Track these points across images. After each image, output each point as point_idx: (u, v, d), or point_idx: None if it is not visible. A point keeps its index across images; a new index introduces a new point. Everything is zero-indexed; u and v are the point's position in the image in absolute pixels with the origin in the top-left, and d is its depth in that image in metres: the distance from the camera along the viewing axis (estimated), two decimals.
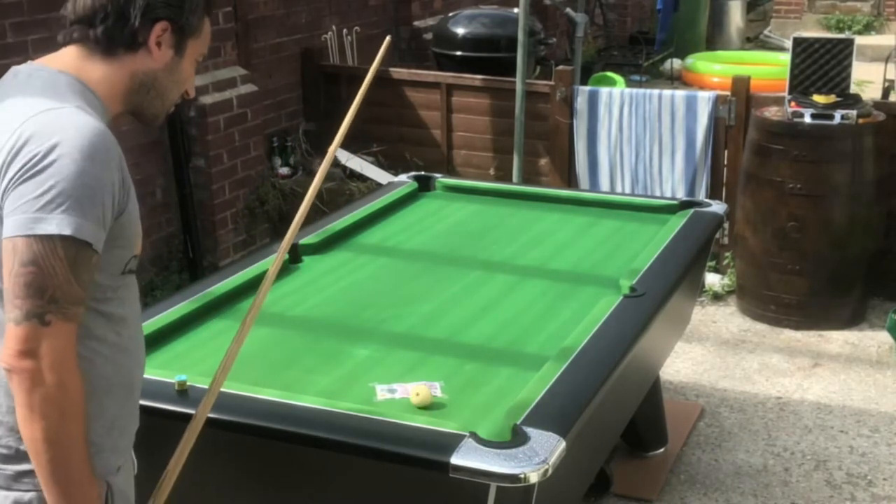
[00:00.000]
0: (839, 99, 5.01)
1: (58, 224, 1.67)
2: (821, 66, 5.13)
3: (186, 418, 1.99)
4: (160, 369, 2.55)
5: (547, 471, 2.13)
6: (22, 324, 1.66)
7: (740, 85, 5.44)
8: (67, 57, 1.94)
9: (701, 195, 5.41)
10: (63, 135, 1.73)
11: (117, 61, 1.89)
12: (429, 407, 2.46)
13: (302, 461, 2.34)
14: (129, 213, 1.82)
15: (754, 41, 11.85)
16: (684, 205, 3.96)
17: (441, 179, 4.33)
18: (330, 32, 6.87)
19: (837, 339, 4.98)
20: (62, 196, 1.68)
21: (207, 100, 5.48)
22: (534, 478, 2.12)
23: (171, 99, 1.99)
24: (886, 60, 7.25)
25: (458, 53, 6.87)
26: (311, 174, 6.18)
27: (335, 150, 2.42)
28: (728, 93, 5.46)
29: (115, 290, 1.83)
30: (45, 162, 1.70)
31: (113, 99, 1.91)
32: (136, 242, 1.86)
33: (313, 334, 2.92)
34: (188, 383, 2.45)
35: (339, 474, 2.35)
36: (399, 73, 6.43)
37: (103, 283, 1.80)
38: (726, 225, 4.96)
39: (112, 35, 1.88)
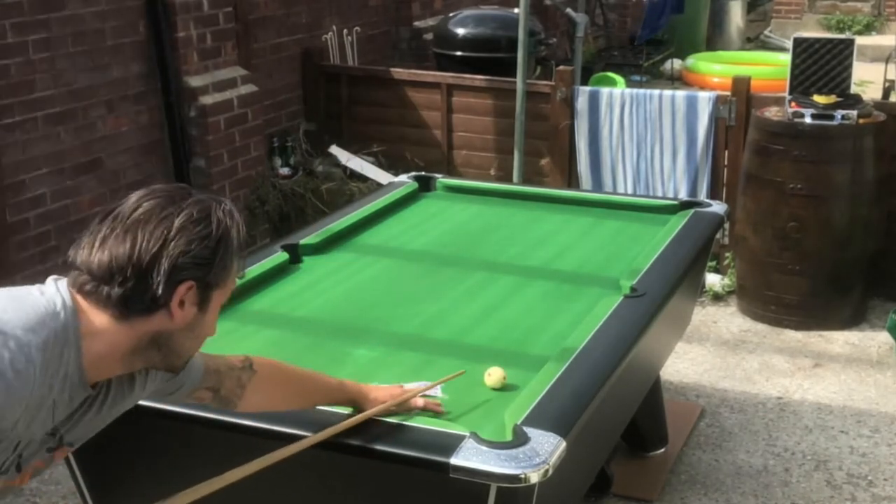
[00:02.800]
0: (839, 99, 5.01)
1: None
2: (821, 66, 5.13)
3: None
4: None
5: (547, 471, 2.13)
6: None
7: (741, 85, 5.44)
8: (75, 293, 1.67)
9: (702, 195, 5.41)
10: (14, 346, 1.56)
11: (127, 323, 1.66)
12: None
13: (302, 462, 2.33)
14: None
15: (754, 41, 11.85)
16: (685, 205, 3.96)
17: (441, 180, 4.33)
18: (330, 32, 6.87)
19: (838, 340, 4.98)
20: None
21: (207, 100, 5.48)
22: (534, 478, 2.12)
23: (189, 353, 1.78)
24: (887, 61, 7.24)
25: (459, 53, 6.87)
26: (312, 174, 6.18)
27: None
28: (728, 93, 5.46)
29: None
30: None
31: (110, 360, 1.68)
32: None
33: (316, 336, 2.92)
34: None
35: (339, 475, 2.35)
36: (399, 73, 6.43)
37: None
38: (727, 225, 4.98)
39: (128, 300, 1.64)
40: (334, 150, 6.34)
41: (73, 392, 1.67)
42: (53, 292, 1.67)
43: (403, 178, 4.38)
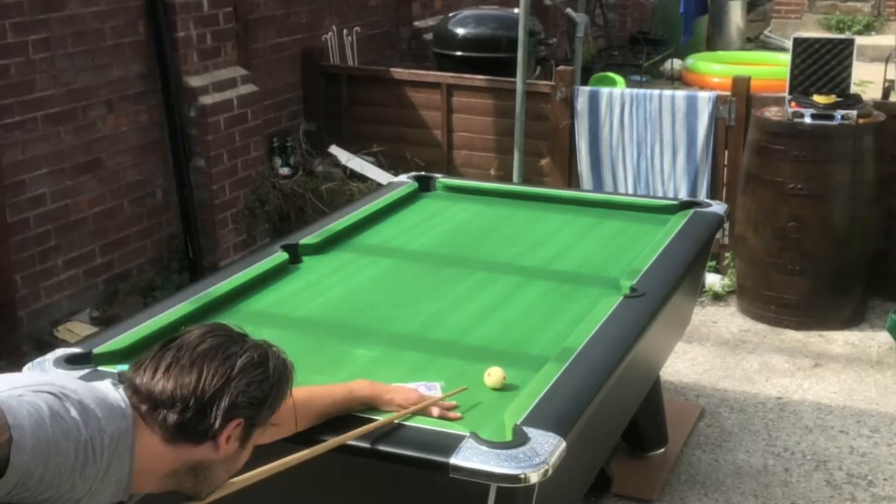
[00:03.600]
0: (839, 99, 5.01)
1: (23, 437, 1.55)
2: (821, 66, 5.13)
3: None
4: None
5: (547, 471, 2.13)
6: None
7: (741, 85, 5.44)
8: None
9: (702, 195, 5.41)
10: (106, 429, 1.68)
11: (174, 447, 1.77)
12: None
13: (303, 462, 2.33)
14: None
15: (754, 41, 11.85)
16: (685, 205, 3.96)
17: (441, 179, 4.33)
18: (330, 32, 6.87)
19: (838, 340, 4.98)
20: (43, 436, 1.58)
21: (207, 100, 5.48)
22: (534, 478, 2.12)
23: (219, 484, 1.88)
24: (887, 61, 7.24)
25: (459, 53, 6.87)
26: (311, 174, 6.18)
27: None
28: (728, 93, 5.46)
29: None
30: (73, 413, 1.65)
31: (150, 475, 1.77)
32: None
33: (316, 336, 2.91)
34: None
35: (339, 475, 2.35)
36: (399, 73, 6.43)
37: None
38: (727, 225, 4.98)
39: (182, 427, 1.75)
40: (334, 150, 6.34)
41: (115, 494, 1.74)
42: (117, 396, 1.76)
43: (403, 178, 4.38)
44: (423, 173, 4.45)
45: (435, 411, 2.39)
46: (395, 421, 2.32)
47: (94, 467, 1.66)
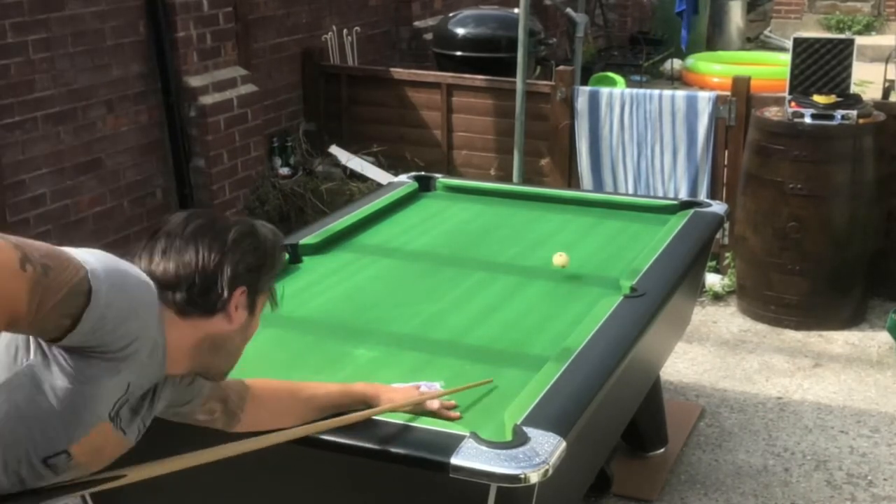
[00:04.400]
0: (839, 99, 5.01)
1: (94, 270, 1.59)
2: (821, 66, 5.13)
3: None
4: None
5: (547, 471, 2.13)
6: (2, 241, 1.49)
7: (741, 85, 5.44)
8: None
9: (702, 195, 5.41)
10: (144, 284, 1.73)
11: (189, 323, 1.83)
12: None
13: (302, 462, 2.33)
14: (102, 389, 1.69)
15: (754, 41, 11.85)
16: (685, 205, 3.96)
17: (441, 179, 4.33)
18: (330, 32, 6.87)
19: (838, 340, 4.98)
20: (113, 273, 1.63)
21: (207, 100, 5.48)
22: (534, 478, 2.11)
23: (239, 355, 1.96)
24: (887, 61, 7.25)
25: (459, 53, 6.87)
26: (311, 174, 6.18)
27: None
28: (728, 93, 5.47)
29: (19, 461, 1.70)
30: (131, 277, 1.70)
31: (178, 355, 1.83)
32: (76, 435, 1.71)
33: (317, 336, 2.91)
34: None
35: (340, 475, 2.35)
36: (399, 73, 6.44)
37: (21, 446, 1.68)
38: (727, 225, 4.98)
39: (194, 303, 1.82)
40: (334, 150, 6.35)
41: (154, 366, 1.79)
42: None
43: (403, 178, 4.38)
44: (423, 173, 4.45)
45: (435, 404, 2.39)
46: (394, 416, 2.32)
47: (149, 317, 1.71)
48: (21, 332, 1.62)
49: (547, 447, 2.18)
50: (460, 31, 6.94)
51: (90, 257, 1.62)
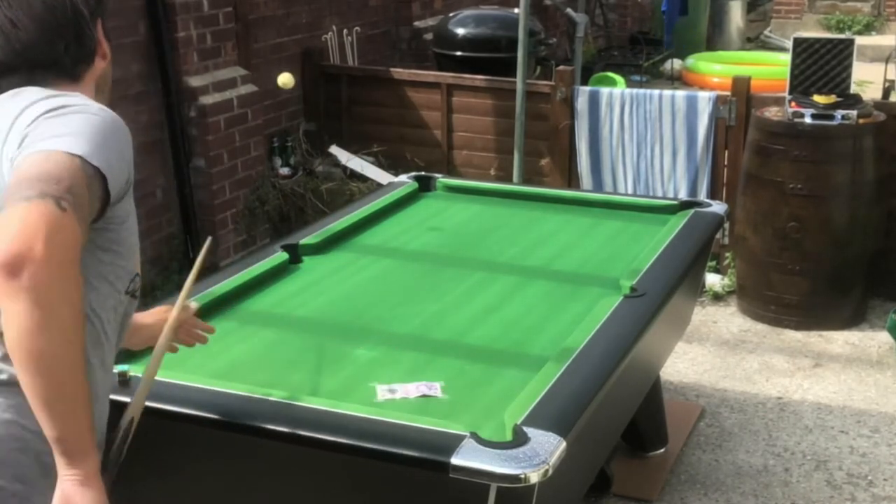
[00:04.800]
0: (839, 99, 5.01)
1: (80, 147, 1.58)
2: (821, 66, 5.13)
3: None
4: (160, 369, 2.54)
5: (547, 471, 2.13)
6: (33, 200, 1.45)
7: (741, 85, 5.44)
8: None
9: (702, 195, 5.41)
10: (91, 104, 1.71)
11: (84, 82, 1.83)
12: (429, 407, 2.46)
13: (303, 462, 2.33)
14: (130, 214, 1.76)
15: (754, 41, 11.85)
16: (685, 205, 3.96)
17: (441, 179, 4.33)
18: (330, 32, 6.87)
19: (838, 340, 4.98)
20: (88, 135, 1.61)
21: (208, 100, 5.48)
22: (534, 478, 2.11)
23: (110, 85, 1.96)
24: (887, 61, 7.24)
25: (459, 53, 6.87)
26: (311, 174, 6.19)
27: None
28: (728, 93, 5.46)
29: (115, 311, 1.76)
30: (72, 110, 1.66)
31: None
32: (136, 258, 1.78)
33: (316, 336, 2.91)
34: (130, 373, 2.42)
35: (339, 474, 2.35)
36: (399, 73, 6.44)
37: (109, 301, 1.73)
38: (727, 225, 4.98)
39: (80, 59, 1.82)
40: (334, 150, 6.35)
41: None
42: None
43: (403, 178, 4.38)
44: (423, 173, 4.46)
45: (181, 333, 2.26)
46: (394, 416, 2.31)
47: (123, 133, 1.74)
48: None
49: (547, 447, 2.18)
50: (460, 31, 6.94)
51: (70, 141, 1.60)
